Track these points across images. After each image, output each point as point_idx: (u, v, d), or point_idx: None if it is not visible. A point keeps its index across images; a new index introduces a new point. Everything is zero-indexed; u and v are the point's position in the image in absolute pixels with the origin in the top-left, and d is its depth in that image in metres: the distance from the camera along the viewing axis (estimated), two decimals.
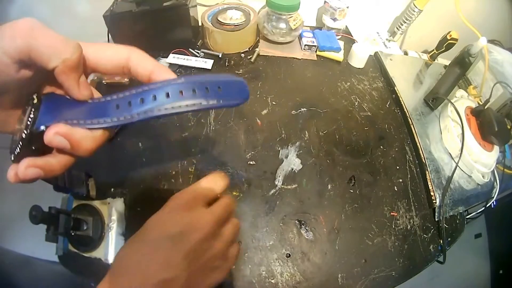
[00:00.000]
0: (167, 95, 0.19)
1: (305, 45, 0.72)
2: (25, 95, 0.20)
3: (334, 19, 0.75)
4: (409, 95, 0.66)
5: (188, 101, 0.19)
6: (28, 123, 0.18)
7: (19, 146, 0.18)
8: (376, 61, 0.76)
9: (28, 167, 0.18)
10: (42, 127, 0.18)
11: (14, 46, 0.17)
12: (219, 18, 0.68)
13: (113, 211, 0.43)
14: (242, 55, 0.70)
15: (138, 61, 0.21)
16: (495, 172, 0.58)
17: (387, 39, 0.82)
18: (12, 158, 0.19)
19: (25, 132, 0.18)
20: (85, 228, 0.41)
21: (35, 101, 0.19)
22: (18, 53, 0.17)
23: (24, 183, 0.19)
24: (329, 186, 0.50)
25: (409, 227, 0.48)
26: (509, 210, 0.90)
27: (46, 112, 0.19)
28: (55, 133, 0.18)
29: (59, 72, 0.18)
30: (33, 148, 0.19)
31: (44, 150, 0.19)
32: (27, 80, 0.19)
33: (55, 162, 0.20)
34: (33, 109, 0.19)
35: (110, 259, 0.41)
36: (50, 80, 0.20)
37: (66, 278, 0.51)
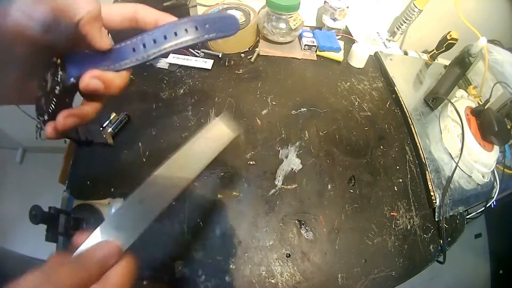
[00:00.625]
0: (175, 33, 0.22)
1: (305, 45, 0.72)
2: (41, 63, 0.21)
3: (334, 19, 0.75)
4: (409, 95, 0.66)
5: (193, 35, 0.23)
6: (58, 80, 0.21)
7: (53, 103, 0.21)
8: (376, 61, 0.76)
9: (66, 117, 0.21)
10: (72, 79, 0.21)
11: (39, 8, 0.18)
12: None
13: (113, 211, 0.43)
14: (242, 55, 0.70)
15: (145, 12, 0.24)
16: (495, 172, 0.58)
17: (387, 39, 0.82)
18: (46, 118, 0.21)
19: (58, 87, 0.20)
20: (85, 228, 0.41)
21: (58, 61, 0.21)
22: (43, 14, 0.18)
23: (60, 138, 0.21)
24: (329, 186, 0.50)
25: (409, 227, 0.48)
26: (509, 210, 0.90)
27: (71, 68, 0.21)
28: (91, 76, 0.20)
29: (85, 23, 0.20)
30: (67, 101, 0.22)
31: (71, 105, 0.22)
32: (48, 45, 0.20)
33: (89, 108, 0.22)
34: (59, 68, 0.21)
35: None
36: (66, 45, 0.21)
37: None
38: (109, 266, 0.20)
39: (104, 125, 0.51)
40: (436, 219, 0.49)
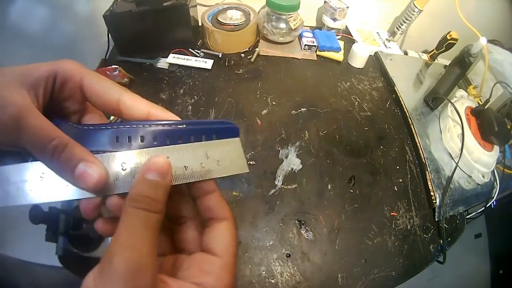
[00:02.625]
0: (168, 138, 0.20)
1: (305, 45, 0.72)
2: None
3: (334, 19, 0.75)
4: (409, 95, 0.66)
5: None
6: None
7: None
8: (376, 61, 0.76)
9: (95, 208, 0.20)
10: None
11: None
12: (219, 18, 0.68)
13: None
14: (242, 55, 0.70)
15: (131, 103, 0.21)
16: (495, 172, 0.58)
17: (387, 39, 0.82)
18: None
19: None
20: (85, 228, 0.41)
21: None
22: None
23: None
24: (329, 186, 0.50)
25: (409, 227, 0.48)
26: (509, 210, 0.90)
27: None
28: None
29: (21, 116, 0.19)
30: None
31: None
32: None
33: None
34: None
35: None
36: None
37: (65, 283, 0.51)
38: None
39: None
40: (436, 219, 0.49)
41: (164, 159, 0.19)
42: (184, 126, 0.20)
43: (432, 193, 0.50)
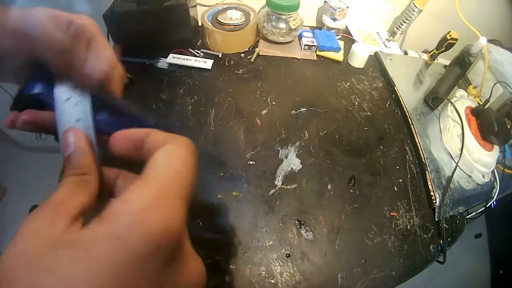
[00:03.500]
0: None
1: (305, 45, 0.72)
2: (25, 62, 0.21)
3: (334, 19, 0.75)
4: (409, 95, 0.66)
5: None
6: (23, 86, 0.21)
7: (17, 99, 0.22)
8: (376, 61, 0.76)
9: (26, 122, 0.21)
10: (30, 93, 0.21)
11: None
12: (219, 18, 0.68)
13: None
14: (242, 55, 0.70)
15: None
16: (495, 172, 0.58)
17: (387, 39, 0.82)
18: (11, 106, 0.22)
19: (20, 91, 0.21)
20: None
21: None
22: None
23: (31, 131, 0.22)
24: (329, 186, 0.50)
25: (409, 227, 0.48)
26: (509, 210, 0.90)
27: (35, 83, 0.22)
28: (24, 121, 0.21)
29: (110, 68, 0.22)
30: (21, 105, 0.22)
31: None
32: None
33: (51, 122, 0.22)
34: (29, 77, 0.22)
35: None
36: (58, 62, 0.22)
37: None
38: None
39: None
40: (436, 219, 0.49)
41: (74, 131, 0.20)
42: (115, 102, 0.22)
43: (432, 193, 0.50)
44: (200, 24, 0.71)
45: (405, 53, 0.81)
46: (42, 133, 0.23)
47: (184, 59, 0.66)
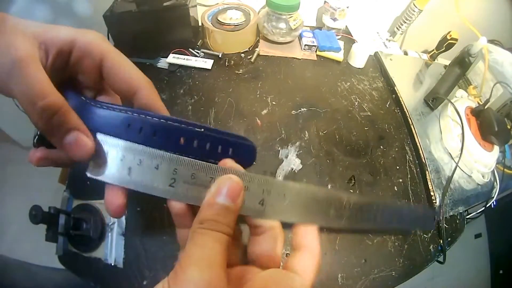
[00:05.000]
0: (183, 139, 0.20)
1: (305, 45, 0.72)
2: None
3: (334, 19, 0.75)
4: (409, 95, 0.66)
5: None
6: None
7: (36, 138, 0.19)
8: (376, 61, 0.76)
9: (40, 159, 0.19)
10: None
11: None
12: (219, 18, 0.68)
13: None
14: (242, 55, 0.70)
15: (147, 103, 0.20)
16: (495, 172, 0.58)
17: (387, 39, 0.82)
18: (33, 144, 0.20)
19: None
20: (85, 228, 0.41)
21: None
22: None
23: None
24: (329, 186, 0.50)
25: None
26: (509, 210, 0.90)
27: None
28: (38, 158, 0.19)
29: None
30: (47, 143, 0.19)
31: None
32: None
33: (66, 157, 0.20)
34: None
35: (110, 259, 0.41)
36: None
37: (66, 285, 0.51)
38: None
39: None
40: (436, 219, 0.49)
41: (238, 181, 0.18)
42: (202, 130, 0.20)
43: (432, 193, 0.50)
44: (200, 24, 0.71)
45: (405, 53, 0.81)
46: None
47: (184, 59, 0.66)
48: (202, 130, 0.20)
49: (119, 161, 0.18)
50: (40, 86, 0.16)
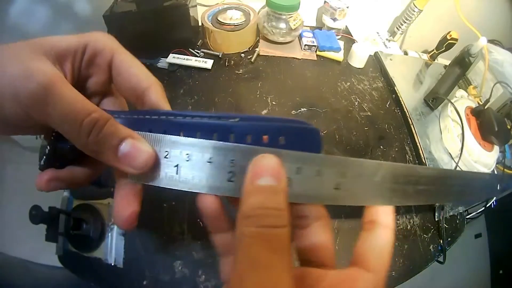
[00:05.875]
0: (215, 135, 0.16)
1: (305, 45, 0.72)
2: None
3: (334, 19, 0.75)
4: (409, 95, 0.66)
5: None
6: (52, 138, 0.17)
7: (44, 159, 0.18)
8: (376, 61, 0.76)
9: (49, 181, 0.18)
10: (65, 147, 0.17)
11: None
12: (219, 18, 0.68)
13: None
14: (242, 55, 0.70)
15: (156, 103, 0.19)
16: (495, 172, 0.58)
17: (387, 39, 0.82)
18: (39, 167, 0.18)
19: (49, 147, 0.18)
20: (85, 228, 0.41)
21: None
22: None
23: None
24: None
25: (409, 227, 0.48)
26: (509, 210, 0.90)
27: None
28: (48, 180, 0.18)
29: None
30: (58, 164, 0.18)
31: (76, 160, 0.18)
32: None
33: (81, 174, 0.18)
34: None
35: (110, 259, 0.41)
36: None
37: (66, 284, 0.51)
38: None
39: None
40: (436, 219, 0.49)
41: (274, 158, 0.14)
42: (237, 120, 0.16)
43: None
44: (200, 24, 0.71)
45: (405, 53, 0.81)
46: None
47: (184, 59, 0.66)
48: (237, 120, 0.16)
49: (163, 159, 0.16)
50: (80, 104, 0.15)
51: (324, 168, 0.16)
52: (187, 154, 0.16)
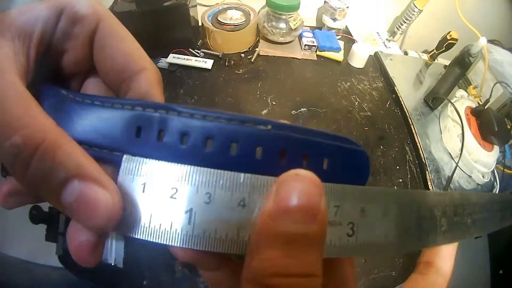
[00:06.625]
0: (235, 146, 0.11)
1: (305, 45, 0.72)
2: None
3: (334, 19, 0.75)
4: (409, 95, 0.66)
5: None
6: None
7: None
8: (376, 61, 0.76)
9: (8, 196, 0.13)
10: None
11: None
12: (219, 18, 0.68)
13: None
14: (242, 55, 0.70)
15: (146, 91, 0.14)
16: (495, 172, 0.58)
17: (387, 39, 0.82)
18: (1, 174, 0.14)
19: None
20: None
21: None
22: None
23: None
24: None
25: None
26: None
27: None
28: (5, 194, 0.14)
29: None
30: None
31: None
32: None
33: None
34: None
35: (110, 259, 0.41)
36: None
37: (65, 284, 0.51)
38: None
39: None
40: None
41: (311, 177, 0.09)
42: (270, 127, 0.11)
43: None
44: (200, 24, 0.71)
45: (405, 53, 0.81)
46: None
47: (184, 59, 0.66)
48: (269, 127, 0.11)
49: (168, 198, 0.10)
50: (16, 110, 0.10)
51: (388, 205, 0.12)
52: (208, 193, 0.10)
